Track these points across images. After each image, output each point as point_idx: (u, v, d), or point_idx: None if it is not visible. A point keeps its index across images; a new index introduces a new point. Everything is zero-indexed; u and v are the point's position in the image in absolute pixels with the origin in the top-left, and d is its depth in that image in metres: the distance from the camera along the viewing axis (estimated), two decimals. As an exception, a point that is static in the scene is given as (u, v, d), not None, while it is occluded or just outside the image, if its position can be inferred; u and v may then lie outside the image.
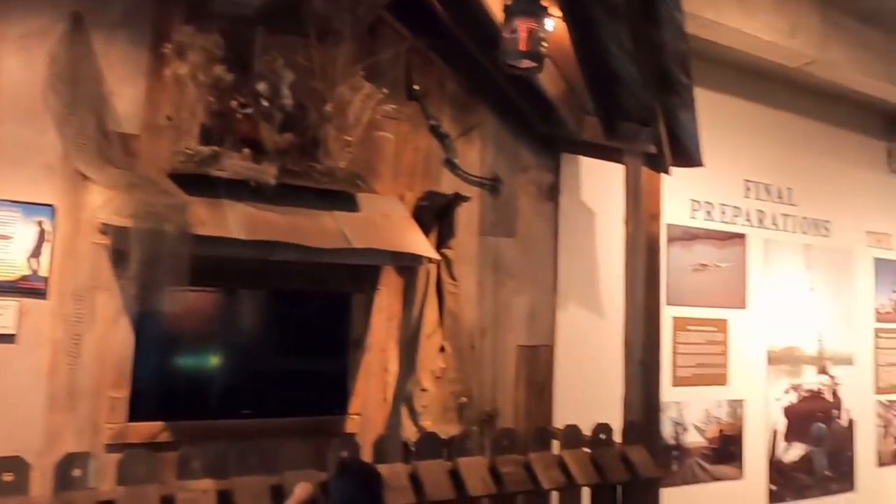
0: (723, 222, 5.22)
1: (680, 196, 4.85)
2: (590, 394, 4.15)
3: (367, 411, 3.51)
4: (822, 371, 5.70)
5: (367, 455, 2.89)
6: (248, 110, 3.04)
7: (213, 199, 2.92)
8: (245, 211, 2.94)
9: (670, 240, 4.81)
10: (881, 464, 6.02)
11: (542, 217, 4.20)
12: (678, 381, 4.83)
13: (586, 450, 3.26)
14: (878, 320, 6.15)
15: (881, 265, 6.21)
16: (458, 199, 3.68)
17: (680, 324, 4.88)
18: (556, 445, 3.30)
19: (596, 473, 3.17)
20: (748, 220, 5.37)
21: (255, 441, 2.85)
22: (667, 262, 4.46)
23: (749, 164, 5.39)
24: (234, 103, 3.04)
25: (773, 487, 5.29)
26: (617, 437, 3.38)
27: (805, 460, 5.50)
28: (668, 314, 4.62)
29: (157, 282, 2.63)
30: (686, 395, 4.87)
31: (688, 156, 3.58)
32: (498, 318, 3.95)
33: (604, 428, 3.34)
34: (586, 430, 3.32)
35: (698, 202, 5.10)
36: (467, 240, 3.87)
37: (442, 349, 3.60)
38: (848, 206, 5.98)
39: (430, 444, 3.01)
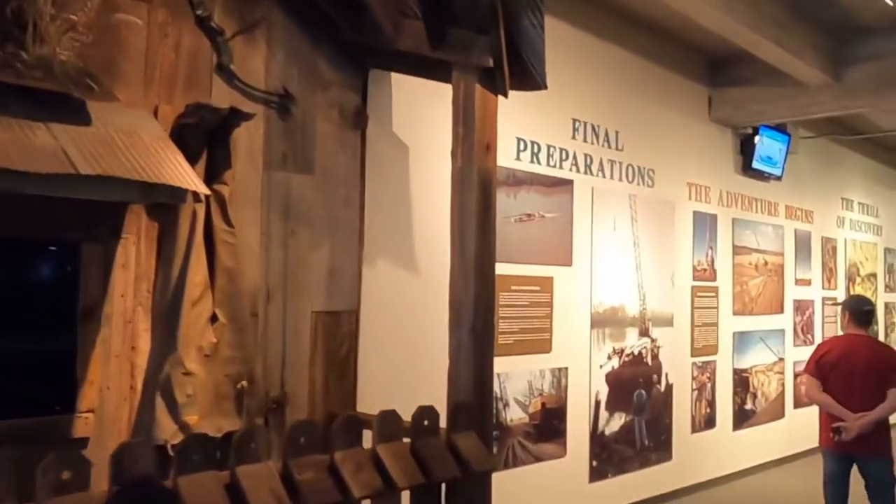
0: (549, 166, 5.03)
1: (504, 132, 4.52)
2: (403, 370, 3.95)
3: (105, 407, 3.06)
4: (644, 333, 5.81)
5: (104, 469, 2.29)
6: None
7: None
8: None
9: (493, 184, 4.51)
10: (694, 430, 6.34)
11: (347, 149, 3.82)
12: (500, 350, 4.56)
13: (406, 440, 2.86)
14: (695, 278, 6.42)
15: (699, 219, 6.46)
16: (237, 116, 3.21)
17: (503, 283, 4.61)
18: (367, 437, 2.87)
19: (419, 472, 2.77)
20: (575, 165, 5.24)
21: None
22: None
23: (577, 102, 5.26)
24: None
25: (595, 463, 5.30)
26: (442, 423, 3.04)
27: (626, 430, 5.60)
28: (490, 272, 4.36)
29: None
30: (508, 365, 4.66)
31: (529, 75, 3.23)
32: (288, 277, 3.60)
33: (428, 412, 2.96)
34: (404, 416, 2.94)
35: (524, 141, 4.85)
36: (248, 174, 3.43)
37: (213, 319, 3.22)
38: (671, 154, 6.14)
39: (199, 449, 2.48)
